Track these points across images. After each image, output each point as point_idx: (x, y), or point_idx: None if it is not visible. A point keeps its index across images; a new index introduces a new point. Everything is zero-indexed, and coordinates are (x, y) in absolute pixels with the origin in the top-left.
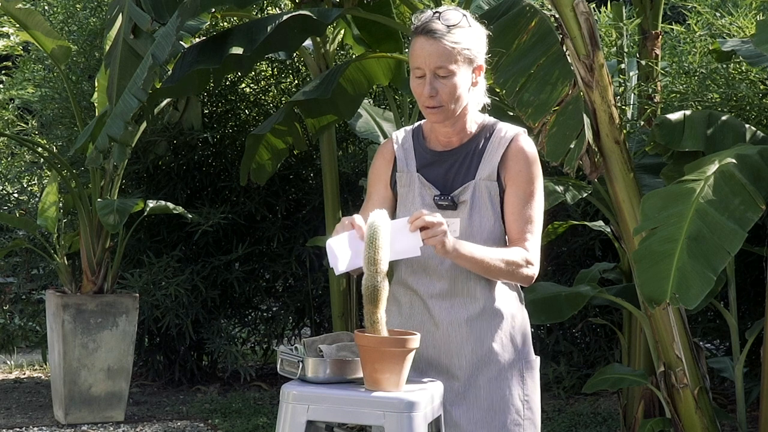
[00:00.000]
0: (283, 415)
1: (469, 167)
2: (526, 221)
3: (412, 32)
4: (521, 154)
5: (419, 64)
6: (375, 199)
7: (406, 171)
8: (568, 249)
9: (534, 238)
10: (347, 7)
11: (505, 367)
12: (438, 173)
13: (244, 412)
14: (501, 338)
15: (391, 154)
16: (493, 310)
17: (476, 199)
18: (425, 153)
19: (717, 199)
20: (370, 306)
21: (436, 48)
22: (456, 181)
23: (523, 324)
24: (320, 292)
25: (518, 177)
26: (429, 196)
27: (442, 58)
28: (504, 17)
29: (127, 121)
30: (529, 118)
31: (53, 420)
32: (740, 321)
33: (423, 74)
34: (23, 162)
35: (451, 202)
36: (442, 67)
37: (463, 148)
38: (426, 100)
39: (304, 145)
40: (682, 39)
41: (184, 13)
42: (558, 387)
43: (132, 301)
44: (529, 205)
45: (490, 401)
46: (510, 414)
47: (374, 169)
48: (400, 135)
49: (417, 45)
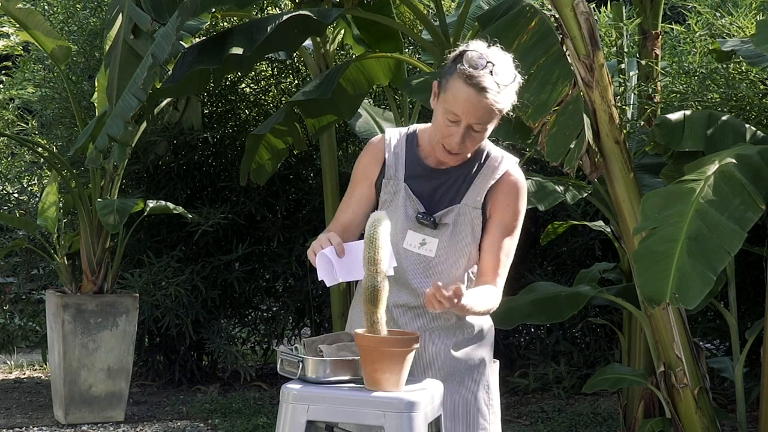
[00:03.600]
0: (283, 415)
1: (458, 191)
2: (502, 254)
3: (460, 74)
4: (512, 189)
5: (459, 113)
6: (357, 196)
7: (394, 179)
8: (568, 249)
9: (504, 274)
10: (347, 7)
11: (469, 375)
12: (425, 188)
13: (244, 412)
14: (466, 347)
15: (382, 155)
16: (459, 320)
17: (458, 224)
18: (417, 164)
19: (717, 199)
20: (370, 306)
21: (482, 106)
22: (442, 202)
23: (488, 330)
24: (320, 292)
25: (505, 210)
26: (412, 210)
27: (484, 117)
28: (504, 17)
29: (127, 121)
30: (529, 118)
31: (53, 420)
32: (740, 321)
33: (457, 121)
34: (23, 162)
35: (433, 223)
36: (480, 124)
37: (455, 171)
38: (453, 146)
39: (304, 145)
40: (682, 39)
41: (184, 13)
42: (558, 387)
43: (132, 301)
44: (509, 238)
45: (454, 408)
46: (477, 420)
47: (360, 166)
48: (393, 138)
49: (462, 94)
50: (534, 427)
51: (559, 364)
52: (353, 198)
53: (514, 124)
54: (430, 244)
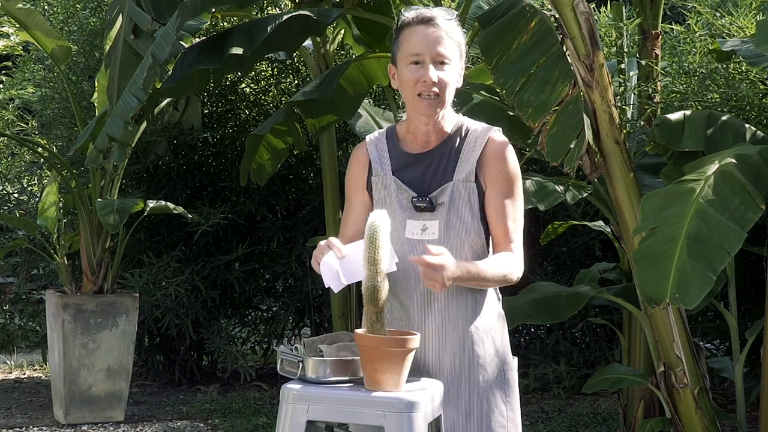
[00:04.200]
0: (283, 415)
1: (446, 169)
2: (509, 221)
3: (404, 24)
4: (498, 153)
5: (419, 50)
6: (355, 205)
7: (382, 174)
8: (568, 249)
9: (518, 237)
10: (347, 7)
11: (487, 371)
12: (414, 175)
13: (244, 412)
14: (482, 343)
15: (366, 157)
16: (474, 315)
17: (454, 201)
18: (400, 155)
19: (717, 199)
20: (370, 306)
21: (438, 35)
22: (433, 183)
23: (502, 326)
24: (320, 292)
25: (498, 177)
26: (406, 199)
27: (444, 46)
28: (504, 17)
29: (127, 121)
30: (529, 118)
31: (53, 420)
32: (740, 321)
33: (422, 60)
34: (23, 162)
35: (429, 203)
36: (442, 54)
37: (439, 150)
38: (427, 86)
39: (304, 145)
40: (682, 39)
41: (184, 13)
42: (558, 387)
43: (132, 301)
44: (511, 203)
45: (473, 405)
46: (494, 416)
47: (350, 175)
48: (372, 138)
49: (416, 33)
50: (534, 427)
51: (559, 364)
52: (351, 208)
53: (514, 124)
54: (431, 227)
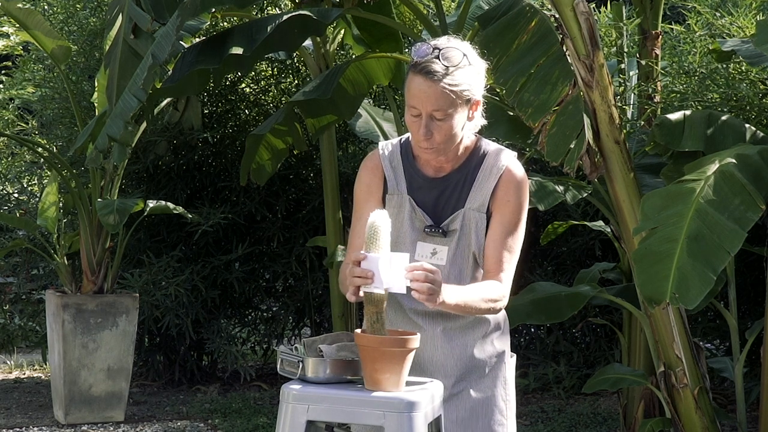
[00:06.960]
0: (283, 415)
1: (460, 195)
2: (505, 251)
3: (410, 67)
4: (511, 184)
5: (415, 104)
6: (366, 217)
7: (397, 193)
8: (568, 249)
9: (510, 269)
10: (347, 7)
11: (487, 371)
12: (428, 198)
13: (244, 412)
14: (484, 345)
15: (380, 170)
16: (476, 319)
17: (465, 228)
18: (416, 175)
19: (717, 199)
20: (370, 306)
21: (434, 91)
22: (446, 209)
23: (504, 326)
24: (320, 292)
25: (506, 206)
26: (419, 221)
27: (440, 102)
28: (504, 17)
29: (127, 121)
30: (529, 118)
31: (53, 420)
32: (740, 321)
33: (419, 114)
34: (23, 162)
35: (442, 233)
36: (439, 110)
37: (454, 176)
38: (419, 139)
39: (304, 145)
40: (682, 39)
41: (184, 13)
42: (558, 387)
43: (132, 301)
44: (511, 235)
45: (473, 404)
46: (494, 415)
47: (363, 186)
48: (387, 150)
49: (414, 84)
50: (534, 427)
51: (559, 364)
52: (363, 220)
53: (514, 124)
54: (440, 252)
